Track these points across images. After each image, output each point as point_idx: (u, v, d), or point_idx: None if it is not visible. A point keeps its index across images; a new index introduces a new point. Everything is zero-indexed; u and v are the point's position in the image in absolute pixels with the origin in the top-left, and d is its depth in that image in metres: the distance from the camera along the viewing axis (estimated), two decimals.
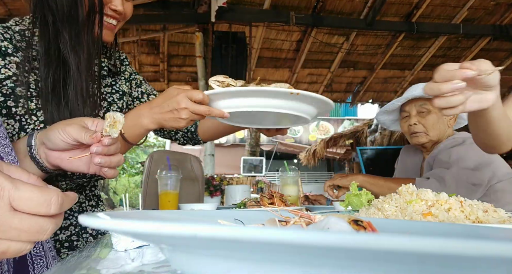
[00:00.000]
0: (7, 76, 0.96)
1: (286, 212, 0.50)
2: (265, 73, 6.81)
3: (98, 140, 0.71)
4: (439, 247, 0.19)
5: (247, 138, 9.12)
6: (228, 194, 2.17)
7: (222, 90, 0.89)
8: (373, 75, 6.96)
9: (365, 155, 3.25)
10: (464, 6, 5.55)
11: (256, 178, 6.27)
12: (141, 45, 5.83)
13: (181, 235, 0.25)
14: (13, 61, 0.98)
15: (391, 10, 5.59)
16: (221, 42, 5.06)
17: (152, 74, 6.56)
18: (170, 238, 0.28)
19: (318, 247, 0.22)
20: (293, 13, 5.31)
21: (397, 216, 0.74)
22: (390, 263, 0.24)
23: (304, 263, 0.26)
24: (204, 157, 5.49)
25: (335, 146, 9.55)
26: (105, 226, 0.30)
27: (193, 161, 2.24)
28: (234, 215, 0.53)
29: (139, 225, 0.26)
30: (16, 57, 0.98)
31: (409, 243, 0.20)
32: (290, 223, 0.43)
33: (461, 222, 0.68)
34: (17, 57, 0.99)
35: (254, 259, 0.27)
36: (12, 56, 0.98)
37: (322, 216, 0.43)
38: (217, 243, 0.26)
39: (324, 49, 6.31)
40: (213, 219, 0.51)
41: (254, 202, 1.35)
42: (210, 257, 0.29)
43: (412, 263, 0.23)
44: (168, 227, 0.25)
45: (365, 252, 0.22)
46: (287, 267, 0.27)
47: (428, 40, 6.19)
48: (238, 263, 0.28)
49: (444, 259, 0.22)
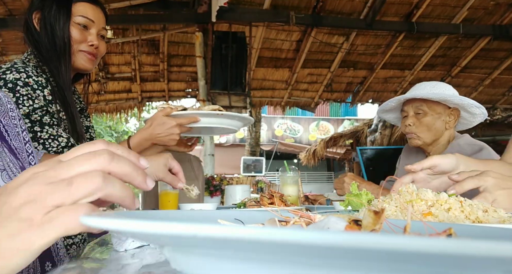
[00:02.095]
0: (40, 106, 1.18)
1: (286, 212, 0.50)
2: (265, 73, 6.80)
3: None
4: (439, 247, 0.19)
5: (247, 138, 9.12)
6: (228, 194, 2.17)
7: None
8: (373, 75, 6.95)
9: (365, 155, 3.25)
10: (464, 6, 5.54)
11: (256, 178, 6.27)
12: (141, 45, 5.83)
13: (181, 235, 0.25)
14: (45, 94, 1.20)
15: (391, 10, 5.59)
16: (221, 42, 5.05)
17: (152, 74, 6.56)
18: (170, 238, 0.28)
19: (318, 247, 0.22)
20: (293, 13, 5.30)
21: (397, 216, 0.74)
22: (390, 263, 0.24)
23: (304, 263, 0.26)
24: (204, 156, 5.49)
25: (335, 146, 9.56)
26: (105, 226, 0.30)
27: (193, 160, 2.24)
28: (234, 215, 0.53)
29: (139, 225, 0.26)
30: (46, 90, 1.21)
31: (409, 243, 0.20)
32: (290, 223, 0.43)
33: (461, 222, 0.68)
34: (47, 90, 1.21)
35: (254, 259, 0.27)
36: (45, 89, 1.21)
37: (322, 216, 0.43)
38: (217, 243, 0.26)
39: (324, 49, 6.30)
40: (213, 219, 0.51)
41: (254, 202, 1.35)
42: (210, 257, 0.29)
43: (412, 263, 0.23)
44: (168, 227, 0.25)
45: (365, 252, 0.22)
46: (287, 267, 0.27)
47: (428, 40, 6.19)
48: (238, 263, 0.28)
49: (444, 259, 0.22)
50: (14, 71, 1.19)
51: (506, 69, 6.83)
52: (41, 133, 1.17)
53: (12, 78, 1.17)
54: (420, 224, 0.43)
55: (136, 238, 0.49)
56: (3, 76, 1.17)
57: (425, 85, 1.75)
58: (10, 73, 1.18)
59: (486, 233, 0.44)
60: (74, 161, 0.42)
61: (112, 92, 6.82)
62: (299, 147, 13.77)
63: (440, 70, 6.92)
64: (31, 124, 1.16)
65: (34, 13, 1.32)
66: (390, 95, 7.47)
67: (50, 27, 1.29)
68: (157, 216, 0.49)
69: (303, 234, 0.21)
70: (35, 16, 1.32)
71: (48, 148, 1.17)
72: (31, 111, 1.17)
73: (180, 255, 0.33)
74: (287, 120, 15.78)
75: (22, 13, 1.36)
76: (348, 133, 8.82)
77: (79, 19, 1.34)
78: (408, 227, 0.33)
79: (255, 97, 7.15)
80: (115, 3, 4.87)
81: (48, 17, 1.29)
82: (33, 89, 1.18)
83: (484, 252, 0.19)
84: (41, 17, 1.31)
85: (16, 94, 1.16)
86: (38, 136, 1.17)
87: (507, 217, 0.70)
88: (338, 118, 16.58)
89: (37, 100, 1.18)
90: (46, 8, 1.30)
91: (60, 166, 0.42)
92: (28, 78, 1.18)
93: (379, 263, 0.24)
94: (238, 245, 0.25)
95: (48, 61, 1.28)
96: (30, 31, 1.31)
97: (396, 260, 0.23)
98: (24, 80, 1.18)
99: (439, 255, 0.20)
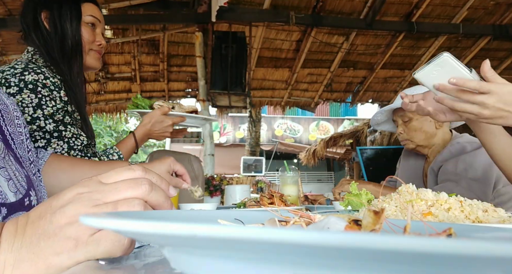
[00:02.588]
0: (61, 106, 1.21)
1: (286, 212, 0.50)
2: (265, 73, 6.81)
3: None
4: (439, 247, 0.19)
5: (247, 138, 9.11)
6: (228, 194, 2.16)
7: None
8: (373, 75, 6.95)
9: (365, 155, 3.24)
10: (464, 6, 5.55)
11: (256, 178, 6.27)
12: (141, 45, 5.83)
13: (181, 235, 0.25)
14: (61, 95, 1.23)
15: (391, 10, 5.59)
16: (221, 42, 5.05)
17: (152, 74, 6.56)
18: (170, 238, 0.28)
19: (318, 247, 0.22)
20: (293, 13, 5.30)
21: (397, 216, 0.74)
22: (389, 263, 0.24)
23: (304, 263, 0.26)
24: (204, 156, 5.49)
25: (335, 146, 9.56)
26: (105, 225, 0.30)
27: (193, 160, 2.24)
28: (234, 215, 0.53)
29: (139, 225, 0.26)
30: (62, 91, 1.23)
31: (409, 243, 0.20)
32: (290, 223, 0.43)
33: (461, 221, 0.68)
34: (62, 91, 1.23)
35: (254, 259, 0.27)
36: (61, 90, 1.23)
37: (322, 216, 0.43)
38: (217, 243, 0.26)
39: (324, 49, 6.31)
40: (213, 219, 0.51)
41: (254, 202, 1.35)
42: (210, 257, 0.29)
43: (412, 263, 0.23)
44: (168, 227, 0.25)
45: (365, 252, 0.22)
46: (287, 267, 0.27)
47: (428, 40, 6.19)
48: (238, 263, 0.28)
49: (444, 259, 0.22)
50: (32, 72, 1.18)
51: (506, 69, 6.83)
52: (65, 132, 1.21)
53: (32, 79, 1.17)
54: (420, 224, 0.43)
55: (136, 238, 0.49)
56: (22, 78, 1.16)
57: (408, 91, 1.74)
58: (28, 74, 1.17)
59: (486, 233, 0.44)
60: (119, 186, 0.45)
61: (112, 92, 6.83)
62: (299, 147, 13.77)
63: None
64: (56, 124, 1.19)
65: (42, 12, 1.29)
66: (390, 95, 7.48)
67: (61, 27, 1.28)
68: (157, 216, 0.49)
69: (303, 234, 0.21)
70: (44, 15, 1.29)
71: (73, 146, 1.21)
72: (55, 111, 1.19)
73: (180, 255, 0.33)
74: (287, 120, 15.78)
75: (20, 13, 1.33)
76: (348, 133, 8.82)
77: (89, 18, 1.35)
78: (408, 227, 0.33)
79: (255, 97, 7.15)
80: (115, 3, 4.87)
81: (58, 16, 1.28)
82: (50, 91, 1.19)
83: (484, 252, 0.19)
84: (49, 17, 1.29)
85: (38, 95, 1.17)
86: (63, 135, 1.20)
87: (507, 217, 0.70)
88: (338, 118, 16.57)
89: (58, 100, 1.21)
90: (54, 8, 1.28)
91: (105, 189, 0.45)
92: (46, 80, 1.19)
93: (379, 263, 0.24)
94: (238, 245, 0.25)
95: (57, 61, 1.27)
96: (40, 31, 1.28)
97: (396, 260, 0.23)
98: (42, 82, 1.18)
99: (439, 255, 0.20)
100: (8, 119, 0.72)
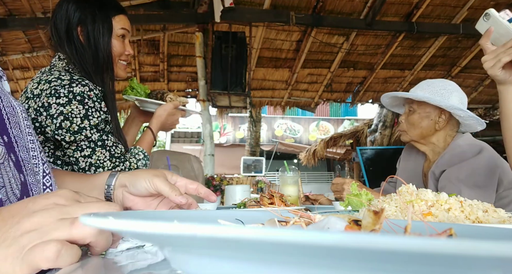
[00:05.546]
0: (105, 117, 1.28)
1: (286, 212, 0.50)
2: (265, 73, 6.80)
3: (180, 202, 0.80)
4: (439, 247, 0.19)
5: (247, 138, 9.12)
6: (228, 194, 2.16)
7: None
8: (373, 75, 6.95)
9: (365, 155, 3.25)
10: (464, 6, 5.54)
11: (256, 178, 6.27)
12: (141, 45, 5.83)
13: (181, 235, 0.25)
14: (102, 106, 1.28)
15: (391, 10, 5.59)
16: (221, 42, 5.05)
17: (152, 74, 6.56)
18: (170, 238, 0.28)
19: (318, 247, 0.22)
20: (293, 13, 5.30)
21: (397, 216, 0.74)
22: (389, 263, 0.24)
23: (304, 263, 0.26)
24: (204, 157, 5.49)
25: (335, 146, 9.57)
26: (105, 226, 0.30)
27: (193, 160, 2.24)
28: (234, 215, 0.53)
29: (139, 225, 0.26)
30: (103, 102, 1.29)
31: (410, 243, 0.20)
32: (290, 223, 0.43)
33: (461, 222, 0.68)
34: (103, 102, 1.29)
35: (254, 259, 0.27)
36: (102, 101, 1.29)
37: (322, 216, 0.43)
38: (217, 243, 0.26)
39: (324, 49, 6.30)
40: (213, 219, 0.51)
41: (254, 202, 1.35)
42: (210, 257, 0.29)
43: (412, 263, 0.23)
44: (168, 227, 0.25)
45: (365, 252, 0.22)
46: (287, 267, 0.27)
47: (428, 40, 6.19)
48: (238, 263, 0.28)
49: (444, 259, 0.22)
50: (79, 84, 1.24)
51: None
52: (107, 141, 1.27)
53: (79, 91, 1.23)
54: (421, 224, 0.43)
55: (136, 238, 0.49)
56: (70, 89, 1.22)
57: (424, 83, 1.74)
58: (76, 86, 1.23)
59: (486, 233, 0.44)
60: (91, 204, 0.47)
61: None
62: (299, 147, 13.77)
63: (440, 70, 6.92)
64: (100, 134, 1.26)
65: (79, 27, 1.35)
66: None
67: (94, 41, 1.34)
68: (157, 216, 0.49)
69: (302, 234, 0.21)
70: (79, 30, 1.35)
71: (114, 154, 1.28)
72: (100, 122, 1.26)
73: (180, 255, 0.33)
74: (287, 120, 15.78)
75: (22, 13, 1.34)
76: (348, 133, 8.83)
77: (120, 31, 1.41)
78: (408, 227, 0.33)
79: (255, 97, 7.15)
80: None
81: (92, 31, 1.34)
82: (93, 102, 1.25)
83: (484, 252, 0.19)
84: (84, 31, 1.35)
85: (85, 106, 1.23)
86: (106, 144, 1.27)
87: (507, 217, 0.70)
88: (338, 118, 16.58)
89: (101, 111, 1.28)
90: (88, 23, 1.34)
91: (77, 205, 0.46)
92: (90, 91, 1.25)
93: (379, 263, 0.24)
94: (238, 245, 0.25)
95: (91, 74, 1.33)
96: (74, 44, 1.34)
97: (397, 261, 0.23)
98: (87, 93, 1.25)
99: (440, 255, 0.20)
100: (13, 121, 0.72)
